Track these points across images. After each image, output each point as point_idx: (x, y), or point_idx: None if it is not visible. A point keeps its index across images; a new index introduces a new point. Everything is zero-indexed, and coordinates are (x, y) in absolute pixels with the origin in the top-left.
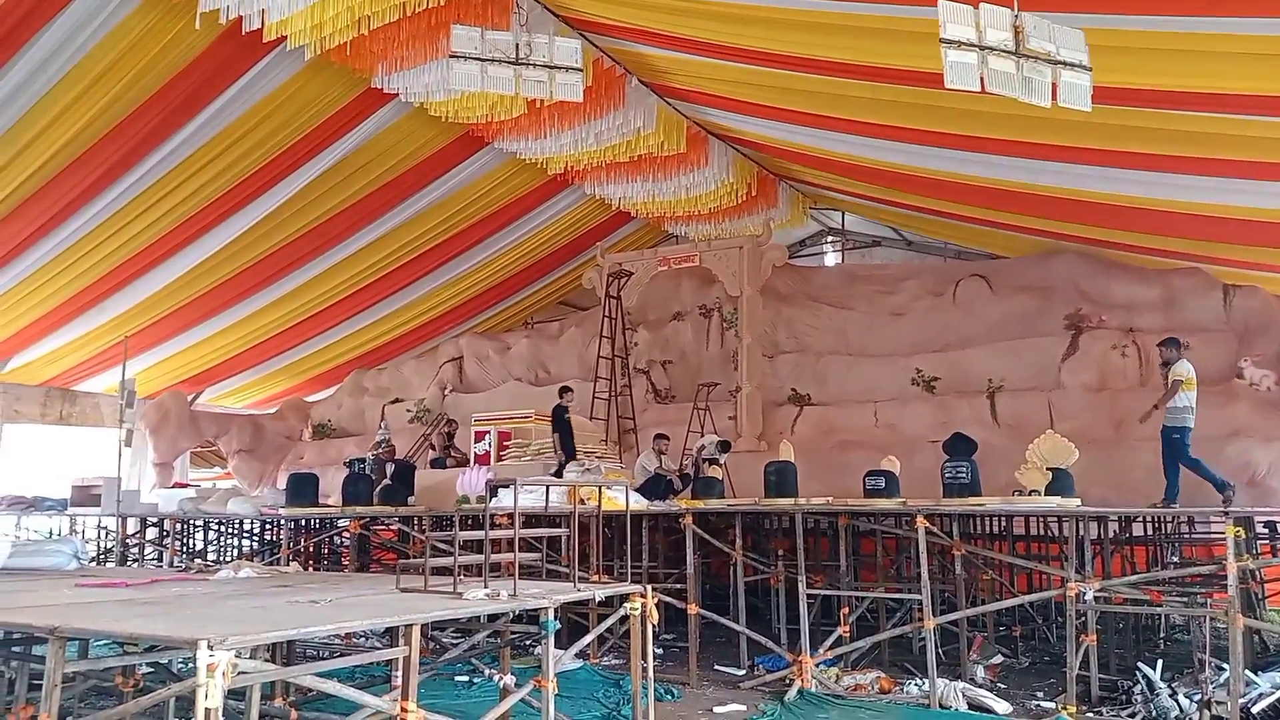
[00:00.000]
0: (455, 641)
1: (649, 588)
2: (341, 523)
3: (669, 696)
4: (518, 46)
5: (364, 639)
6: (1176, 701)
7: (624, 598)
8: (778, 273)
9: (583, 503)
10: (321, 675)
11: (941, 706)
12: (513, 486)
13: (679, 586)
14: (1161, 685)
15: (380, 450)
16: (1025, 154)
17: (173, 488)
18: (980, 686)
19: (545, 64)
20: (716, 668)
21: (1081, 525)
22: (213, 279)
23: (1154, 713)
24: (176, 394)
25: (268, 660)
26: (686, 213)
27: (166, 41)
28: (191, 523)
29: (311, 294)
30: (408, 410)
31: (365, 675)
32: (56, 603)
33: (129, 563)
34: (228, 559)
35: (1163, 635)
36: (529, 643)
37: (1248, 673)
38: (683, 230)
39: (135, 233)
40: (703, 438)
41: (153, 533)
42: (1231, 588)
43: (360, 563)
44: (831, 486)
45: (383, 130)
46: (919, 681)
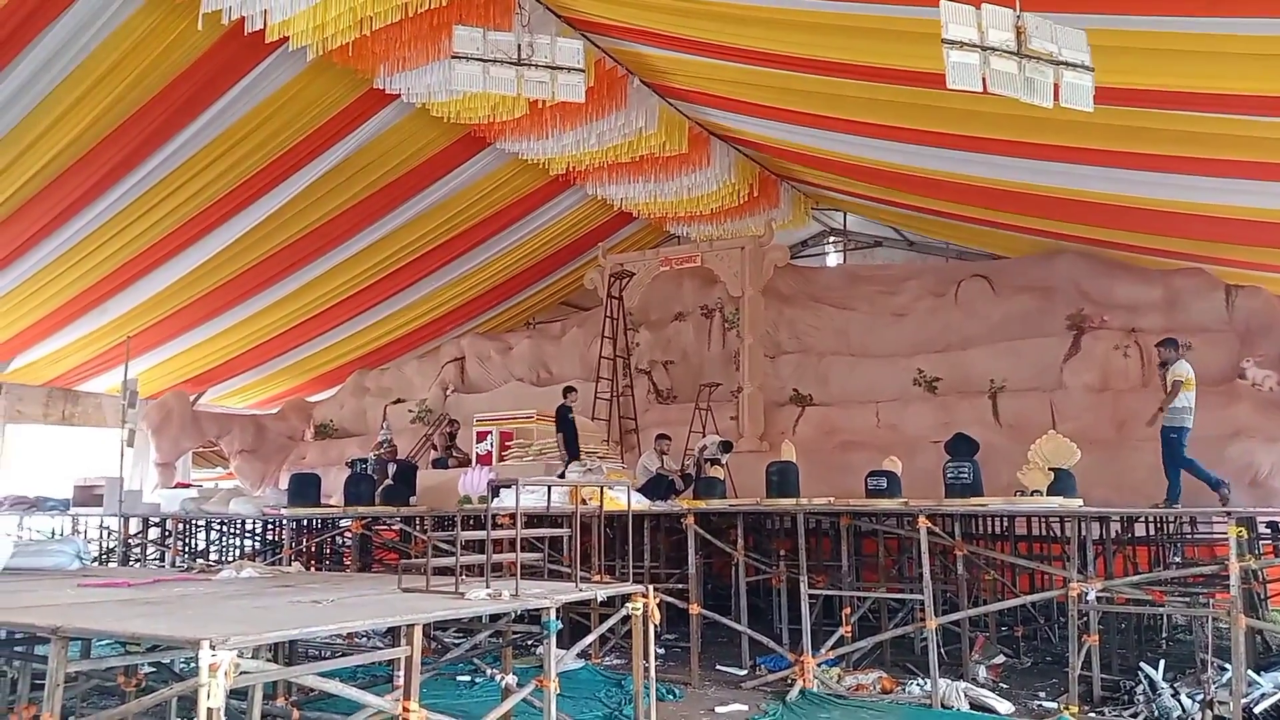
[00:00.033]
0: (457, 641)
1: (651, 588)
2: (343, 523)
3: (671, 696)
4: (520, 47)
5: (366, 639)
6: (1179, 702)
7: (626, 598)
8: (779, 273)
9: (584, 503)
10: (324, 675)
11: (944, 706)
12: (514, 487)
13: (681, 586)
14: (1164, 685)
15: (382, 450)
16: (1027, 154)
17: (175, 488)
18: (982, 687)
19: (547, 64)
20: (718, 668)
21: (1083, 525)
22: (215, 279)
23: (1156, 713)
24: (179, 394)
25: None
26: (688, 213)
27: (169, 42)
28: (194, 523)
29: (314, 294)
30: (409, 410)
31: (367, 675)
32: (59, 603)
33: (131, 563)
34: (230, 559)
35: (1165, 635)
36: (531, 643)
37: (1250, 673)
38: (684, 231)
39: (138, 233)
40: (704, 438)
41: (155, 533)
42: (1234, 588)
43: (362, 563)
44: (833, 487)
45: (385, 131)
46: (921, 681)
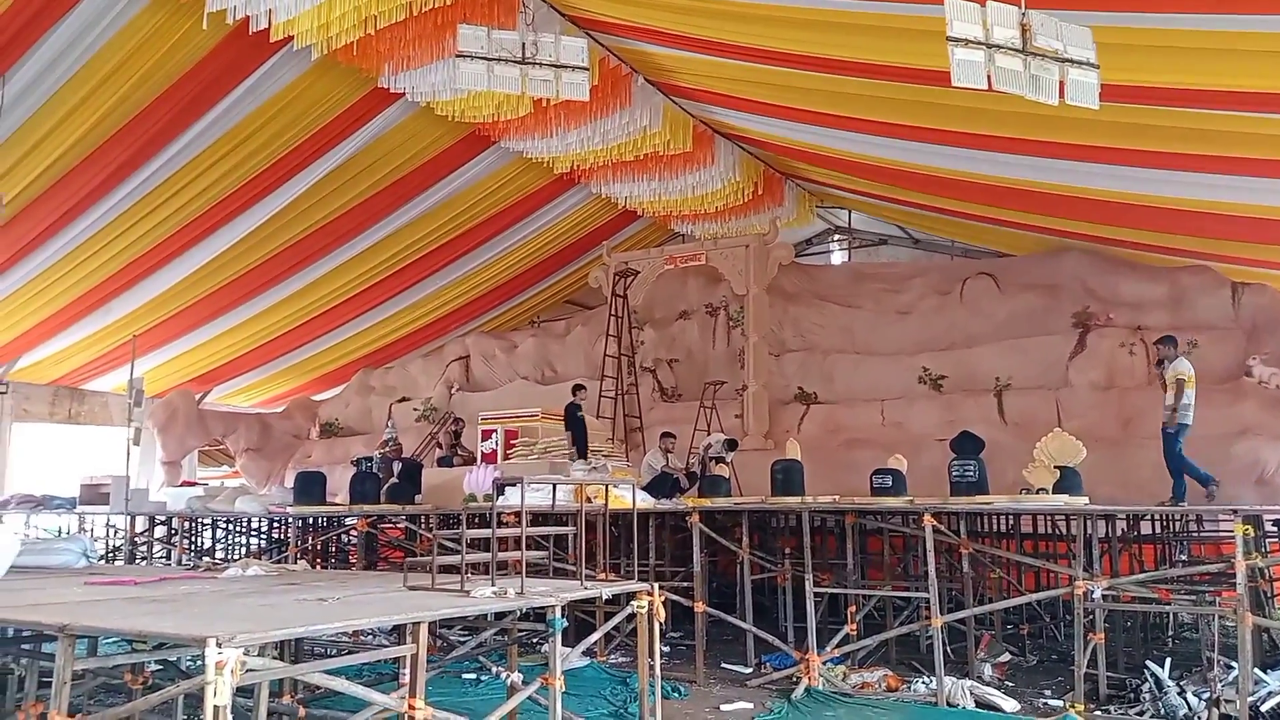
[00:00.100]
0: (463, 639)
1: (656, 586)
2: (349, 521)
3: (676, 694)
4: (524, 46)
5: (371, 637)
6: (1185, 700)
7: (631, 596)
8: (784, 271)
9: (589, 501)
10: (330, 673)
11: (949, 705)
12: (520, 485)
13: (686, 585)
14: (1170, 683)
15: (387, 449)
16: (1032, 152)
17: (181, 486)
18: (988, 685)
19: (551, 63)
20: (723, 666)
21: (1089, 523)
22: (220, 278)
23: (1162, 711)
24: (184, 393)
25: (276, 658)
26: (693, 211)
27: (174, 41)
28: (199, 521)
29: (319, 293)
30: (415, 409)
31: (373, 673)
32: (66, 601)
33: (137, 561)
34: (236, 557)
35: (1171, 634)
36: (536, 640)
37: (1256, 671)
38: (689, 229)
39: (143, 232)
40: (709, 436)
41: (161, 531)
42: (1240, 586)
43: (368, 561)
44: (838, 485)
45: (389, 129)
46: (926, 680)
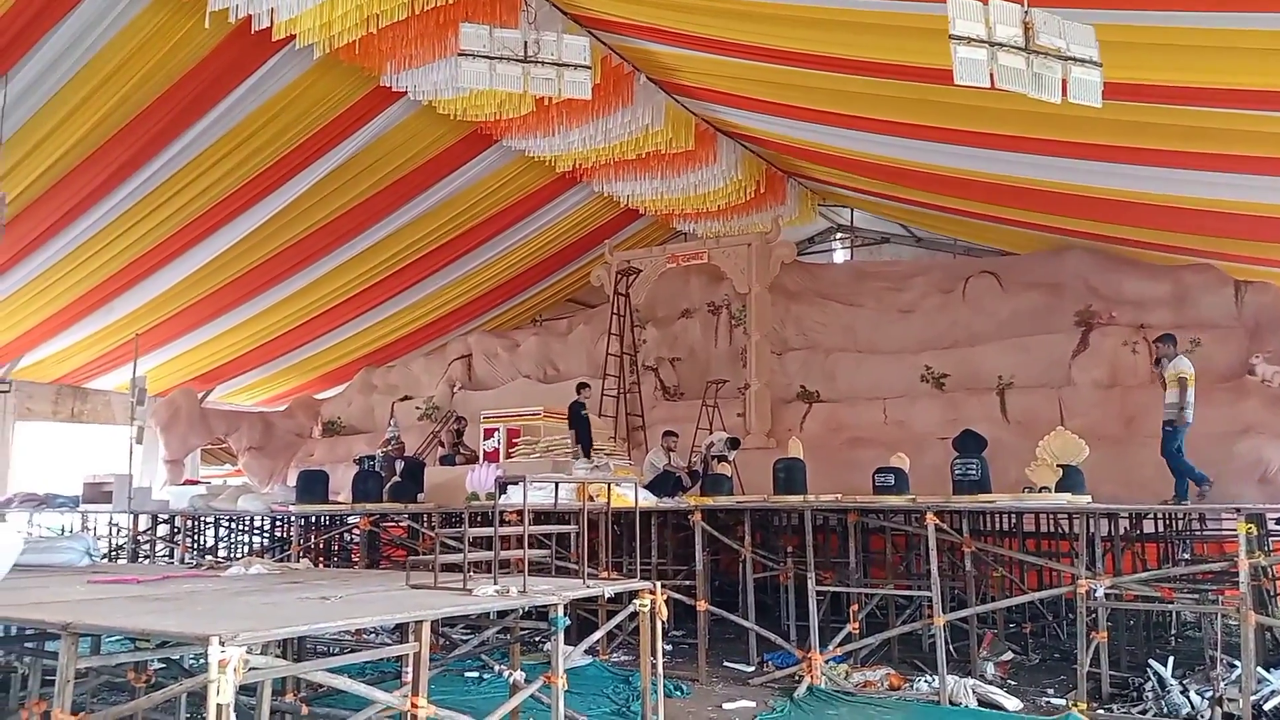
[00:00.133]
0: (465, 638)
1: (658, 584)
2: (351, 519)
3: (679, 693)
4: (526, 44)
5: (374, 635)
6: (1188, 698)
7: (633, 594)
8: (786, 270)
9: (592, 499)
10: (332, 671)
11: (951, 703)
12: (522, 483)
13: (688, 583)
14: (1173, 682)
15: (390, 447)
16: (1035, 150)
17: (184, 485)
18: (990, 683)
19: (554, 61)
20: (726, 664)
21: (1092, 522)
22: (222, 277)
23: (1165, 710)
24: (187, 391)
25: (279, 656)
26: (695, 210)
27: (176, 40)
28: (202, 519)
29: (321, 291)
30: (417, 407)
31: (376, 671)
32: (69, 599)
33: (140, 559)
34: (238, 556)
35: (1174, 632)
36: (539, 639)
37: (1259, 670)
38: (691, 227)
39: (145, 231)
40: (711, 435)
41: (164, 529)
42: (1243, 584)
43: (370, 559)
44: (840, 483)
45: (391, 128)
46: (929, 678)
